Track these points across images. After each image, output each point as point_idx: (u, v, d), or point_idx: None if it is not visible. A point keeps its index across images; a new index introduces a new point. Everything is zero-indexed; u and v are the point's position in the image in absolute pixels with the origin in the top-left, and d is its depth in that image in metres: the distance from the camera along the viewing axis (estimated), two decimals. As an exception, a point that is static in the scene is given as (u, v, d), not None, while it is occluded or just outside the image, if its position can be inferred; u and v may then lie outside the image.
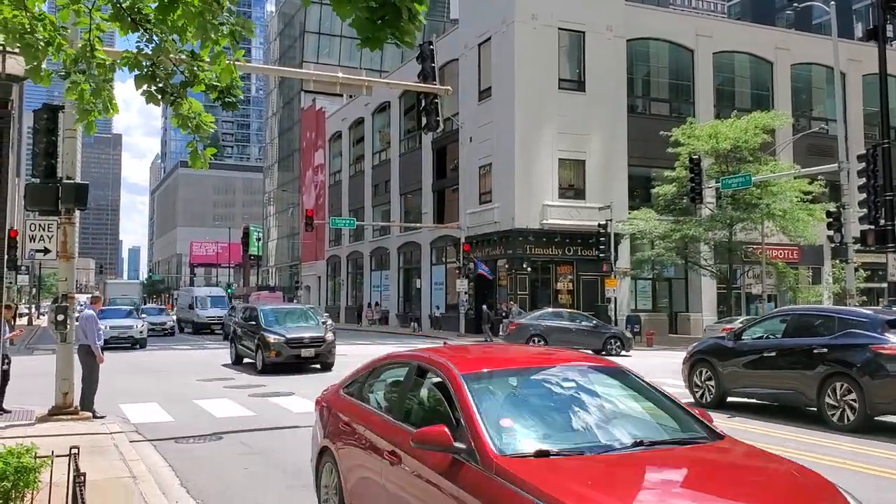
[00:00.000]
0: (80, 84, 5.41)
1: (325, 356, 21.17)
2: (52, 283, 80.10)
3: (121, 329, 29.97)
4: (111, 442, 10.66)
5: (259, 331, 21.32)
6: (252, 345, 21.71)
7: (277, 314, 22.76)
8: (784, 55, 45.18)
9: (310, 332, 21.47)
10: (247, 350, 22.27)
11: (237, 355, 23.21)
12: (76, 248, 13.76)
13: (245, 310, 26.18)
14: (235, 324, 24.90)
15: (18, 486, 5.30)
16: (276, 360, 20.44)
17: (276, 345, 20.51)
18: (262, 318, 21.94)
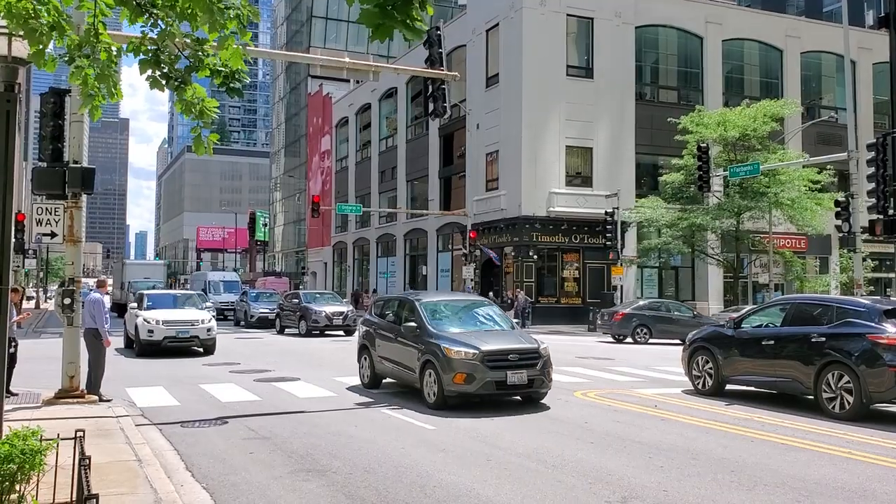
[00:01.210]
0: (84, 69, 5.39)
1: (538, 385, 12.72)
2: (60, 266, 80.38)
3: (180, 326, 21.15)
4: (117, 425, 10.71)
5: (426, 340, 13.00)
6: (415, 359, 13.16)
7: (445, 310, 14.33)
8: (794, 43, 44.87)
9: (508, 341, 12.95)
10: (402, 369, 13.79)
11: (374, 374, 14.90)
12: (83, 232, 13.78)
13: (387, 304, 15.76)
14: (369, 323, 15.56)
15: (24, 468, 5.32)
16: (464, 390, 12.27)
17: (465, 364, 12.18)
18: (425, 315, 13.55)
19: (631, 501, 7.32)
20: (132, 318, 22.11)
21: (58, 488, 6.01)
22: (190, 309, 23.04)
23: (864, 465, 8.84)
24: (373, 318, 15.58)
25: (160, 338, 20.86)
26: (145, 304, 22.33)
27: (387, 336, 14.45)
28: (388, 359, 14.29)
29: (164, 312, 21.66)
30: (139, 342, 21.01)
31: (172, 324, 21.14)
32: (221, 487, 7.83)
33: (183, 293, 26.46)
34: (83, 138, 13.40)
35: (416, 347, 13.16)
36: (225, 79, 5.50)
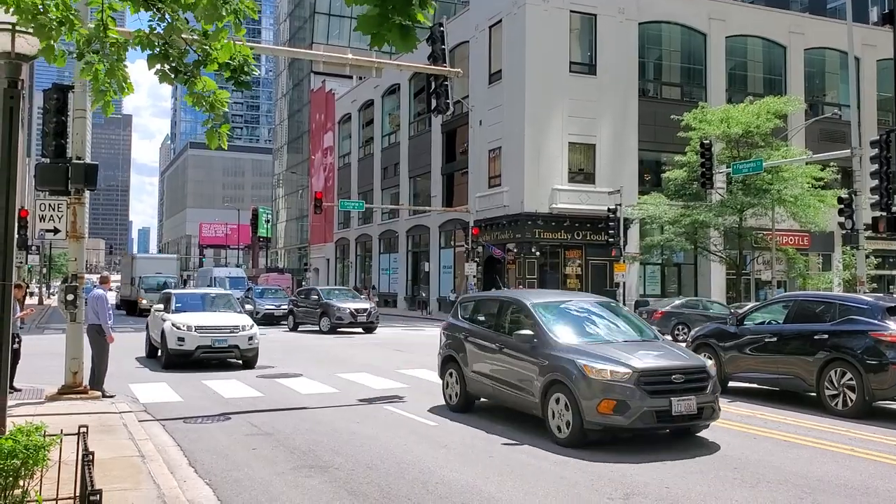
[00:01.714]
0: (94, 65, 5.40)
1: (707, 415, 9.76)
2: (63, 262, 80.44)
3: (217, 333, 17.53)
4: (120, 421, 10.73)
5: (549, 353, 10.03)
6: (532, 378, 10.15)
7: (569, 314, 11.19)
8: (798, 39, 44.77)
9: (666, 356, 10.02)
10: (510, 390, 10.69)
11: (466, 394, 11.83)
12: (86, 228, 13.80)
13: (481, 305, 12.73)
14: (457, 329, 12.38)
15: (28, 463, 5.33)
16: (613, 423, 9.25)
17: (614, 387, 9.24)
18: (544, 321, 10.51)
19: (633, 498, 7.33)
20: (157, 323, 18.69)
21: (61, 484, 6.01)
22: (227, 312, 19.12)
23: (867, 463, 8.84)
24: (460, 323, 12.44)
25: (192, 347, 17.19)
26: (173, 306, 18.71)
27: (485, 346, 11.33)
28: (487, 375, 11.17)
29: (197, 316, 18.02)
30: (167, 352, 17.40)
31: (207, 330, 17.41)
32: (224, 483, 7.84)
33: (217, 293, 22.26)
34: (86, 134, 13.41)
35: (534, 363, 10.06)
36: (233, 72, 5.50)
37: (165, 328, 17.54)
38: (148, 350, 19.64)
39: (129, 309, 43.65)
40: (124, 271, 50.04)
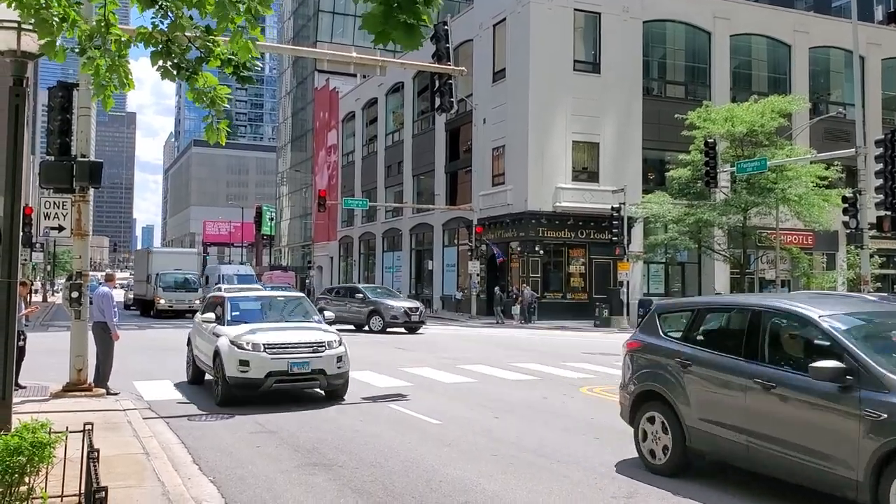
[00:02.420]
0: (95, 59, 5.41)
1: None
2: (66, 260, 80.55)
3: (294, 355, 12.41)
4: (125, 418, 10.76)
5: None
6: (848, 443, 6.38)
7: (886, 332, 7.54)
8: (802, 38, 44.67)
9: None
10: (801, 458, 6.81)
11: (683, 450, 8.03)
12: (91, 226, 13.83)
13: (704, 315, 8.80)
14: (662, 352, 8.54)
15: (34, 460, 5.35)
16: None
17: None
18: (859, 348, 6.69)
19: (636, 497, 7.33)
20: (206, 339, 13.73)
21: (66, 481, 6.04)
22: (304, 325, 13.81)
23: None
24: (667, 343, 8.50)
25: (261, 375, 12.16)
26: (228, 315, 13.63)
27: (729, 382, 7.53)
28: (735, 427, 7.39)
29: (264, 331, 12.86)
30: (224, 381, 12.34)
31: (282, 350, 12.38)
32: (228, 481, 7.86)
33: (285, 296, 16.85)
34: (90, 132, 13.43)
35: (852, 414, 6.31)
36: (235, 68, 5.51)
37: (221, 347, 12.57)
38: (192, 374, 14.87)
39: (144, 309, 41.36)
40: (138, 267, 46.88)
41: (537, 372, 17.13)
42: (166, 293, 37.85)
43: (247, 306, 14.27)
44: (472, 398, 13.30)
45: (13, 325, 7.04)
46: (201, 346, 14.06)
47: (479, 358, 19.87)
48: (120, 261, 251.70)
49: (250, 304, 14.48)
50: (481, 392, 14.04)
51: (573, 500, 7.22)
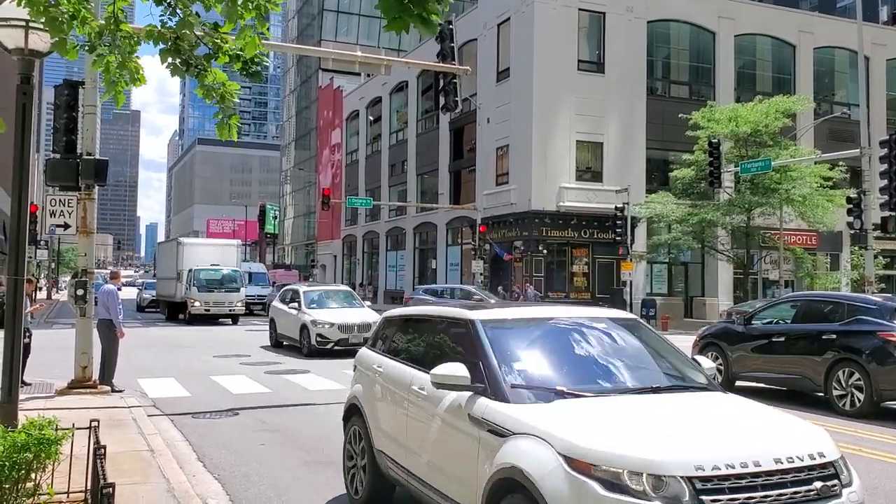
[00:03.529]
0: (105, 56, 5.44)
1: None
2: (71, 258, 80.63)
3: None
4: (129, 416, 10.80)
5: None
6: None
7: None
8: (807, 38, 44.61)
9: None
10: None
11: None
12: (95, 223, 13.88)
13: None
14: None
15: (40, 457, 5.36)
16: None
17: None
18: None
19: (640, 496, 7.32)
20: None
21: (72, 477, 6.07)
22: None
23: (874, 463, 8.84)
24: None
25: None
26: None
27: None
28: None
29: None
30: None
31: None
32: (233, 478, 7.89)
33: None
34: (96, 130, 13.46)
35: None
36: (244, 64, 5.54)
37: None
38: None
39: (172, 312, 34.91)
40: (163, 262, 39.60)
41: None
42: (202, 294, 32.12)
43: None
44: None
45: (20, 323, 7.07)
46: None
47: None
48: (124, 258, 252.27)
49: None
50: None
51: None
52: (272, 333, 22.59)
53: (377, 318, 16.83)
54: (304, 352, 19.74)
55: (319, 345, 19.40)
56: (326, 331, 19.53)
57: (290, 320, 21.05)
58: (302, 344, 20.05)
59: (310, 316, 20.03)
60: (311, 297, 21.42)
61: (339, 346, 19.30)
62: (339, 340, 19.42)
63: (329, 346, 19.41)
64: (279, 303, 22.53)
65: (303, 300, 20.95)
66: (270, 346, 22.04)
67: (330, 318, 19.79)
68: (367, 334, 17.38)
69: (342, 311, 20.65)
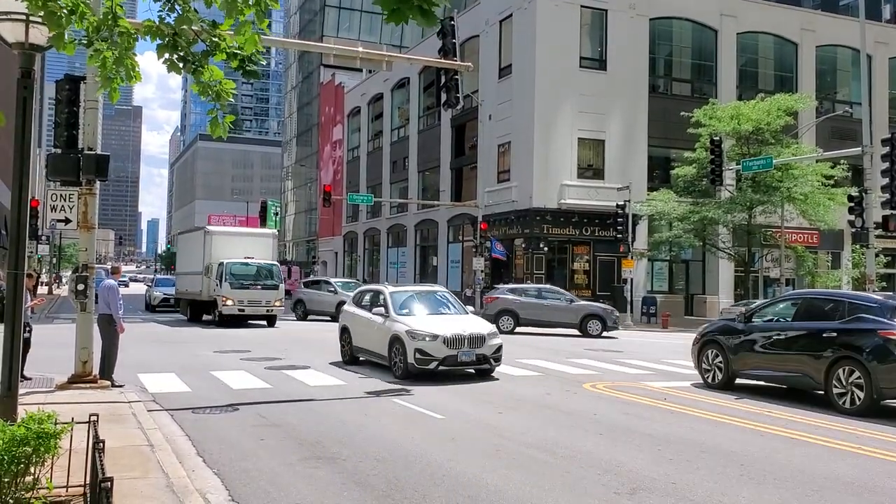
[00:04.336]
0: (102, 52, 5.43)
1: None
2: (72, 253, 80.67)
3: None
4: (129, 410, 10.80)
5: None
6: None
7: None
8: (809, 36, 44.54)
9: None
10: None
11: None
12: (97, 218, 13.87)
13: None
14: None
15: (39, 451, 5.37)
16: None
17: None
18: None
19: (640, 493, 7.34)
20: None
21: (71, 472, 6.08)
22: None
23: (874, 461, 8.83)
24: None
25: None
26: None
27: None
28: None
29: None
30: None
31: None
32: (232, 473, 7.89)
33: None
34: (97, 125, 13.46)
35: None
36: (241, 62, 5.53)
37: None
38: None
39: (196, 312, 31.21)
40: (187, 255, 34.29)
41: (541, 368, 17.15)
42: (236, 291, 28.17)
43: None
44: (475, 393, 13.33)
45: (20, 317, 7.08)
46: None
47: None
48: (125, 254, 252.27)
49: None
50: (485, 387, 14.08)
51: (576, 495, 7.23)
52: (345, 346, 17.61)
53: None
54: (398, 373, 14.99)
55: (419, 364, 14.59)
56: (429, 345, 14.64)
57: (372, 330, 16.28)
58: (392, 362, 15.35)
59: (404, 325, 15.20)
60: (401, 299, 16.42)
61: (444, 367, 14.67)
62: (446, 359, 14.63)
63: (432, 365, 14.60)
64: (354, 307, 17.79)
65: (390, 304, 16.03)
66: (343, 363, 17.27)
67: (432, 329, 14.89)
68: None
69: (444, 318, 15.75)
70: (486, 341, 15.00)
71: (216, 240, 30.62)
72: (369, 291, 17.89)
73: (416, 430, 10.16)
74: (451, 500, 7.04)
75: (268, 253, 31.05)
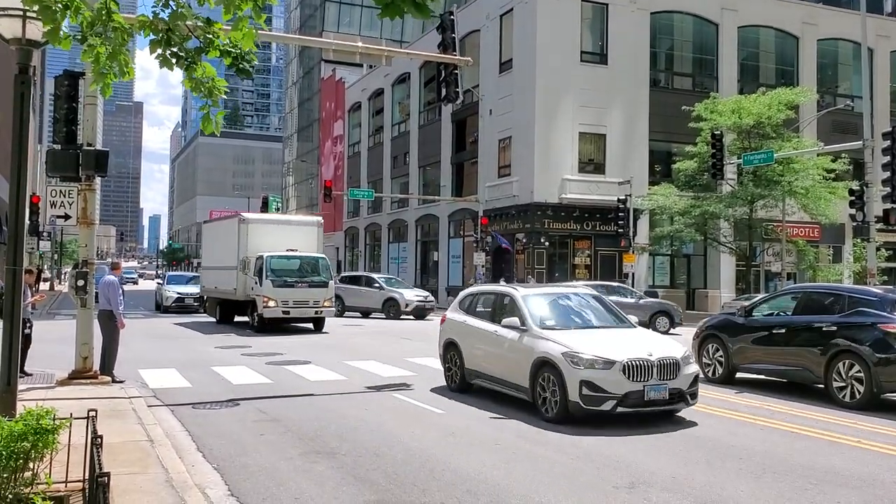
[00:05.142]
0: (96, 47, 5.43)
1: None
2: (74, 249, 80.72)
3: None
4: (129, 406, 10.82)
5: None
6: None
7: None
8: (810, 30, 44.44)
9: None
10: None
11: None
12: (97, 214, 13.88)
13: None
14: None
15: (38, 446, 5.38)
16: None
17: None
18: None
19: (639, 487, 7.35)
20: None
21: (70, 467, 6.08)
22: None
23: (873, 455, 8.83)
24: None
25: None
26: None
27: None
28: None
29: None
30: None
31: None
32: (232, 468, 7.90)
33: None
34: (97, 121, 13.46)
35: None
36: (235, 60, 5.53)
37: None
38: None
39: (227, 313, 27.59)
40: (217, 247, 29.39)
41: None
42: (279, 290, 24.02)
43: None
44: (475, 388, 13.31)
45: (19, 312, 7.08)
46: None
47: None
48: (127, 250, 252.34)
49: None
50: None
51: (575, 490, 7.24)
52: (452, 368, 12.96)
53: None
54: (550, 414, 10.30)
55: (587, 402, 9.92)
56: (601, 376, 9.93)
57: (500, 349, 11.71)
58: (539, 397, 10.57)
59: (557, 344, 10.51)
60: (542, 305, 11.92)
61: (625, 408, 9.95)
62: (628, 396, 9.90)
63: (607, 405, 9.91)
64: (463, 314, 13.23)
65: (527, 312, 11.46)
66: (449, 390, 12.87)
67: (600, 350, 10.24)
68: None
69: (609, 334, 11.17)
70: (680, 369, 10.30)
71: (253, 229, 26.06)
72: (488, 294, 13.33)
73: (415, 424, 10.17)
74: (450, 494, 7.05)
75: (313, 244, 26.51)
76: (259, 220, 27.88)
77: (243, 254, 25.42)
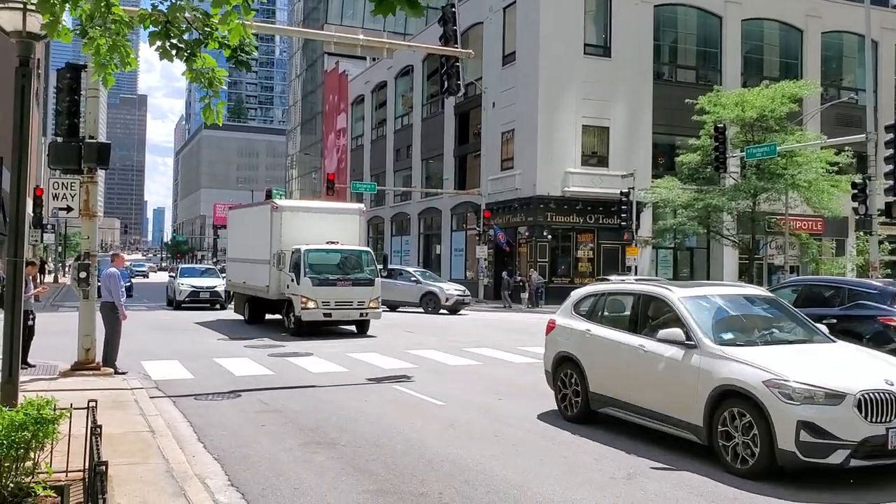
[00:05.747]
0: (96, 39, 5.46)
1: None
2: (78, 241, 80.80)
3: None
4: (131, 397, 10.88)
5: None
6: None
7: None
8: (814, 23, 44.29)
9: None
10: None
11: None
12: (99, 207, 13.93)
13: None
14: None
15: (38, 436, 5.43)
16: None
17: None
18: None
19: (636, 478, 7.38)
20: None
21: (71, 457, 6.14)
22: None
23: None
24: None
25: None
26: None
27: None
28: None
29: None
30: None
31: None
32: (232, 459, 7.95)
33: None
34: (99, 114, 13.48)
35: None
36: (233, 52, 5.56)
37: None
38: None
39: (257, 313, 24.54)
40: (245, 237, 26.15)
41: (542, 355, 17.15)
42: (320, 289, 20.74)
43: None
44: (476, 380, 13.38)
45: (20, 304, 7.13)
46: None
47: (484, 341, 19.94)
48: (131, 243, 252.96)
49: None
50: (485, 374, 14.13)
51: (574, 481, 7.28)
52: (566, 390, 10.05)
53: None
54: (740, 466, 7.54)
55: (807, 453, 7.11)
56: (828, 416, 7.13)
57: (651, 370, 8.75)
58: (718, 443, 7.78)
59: (752, 367, 7.62)
60: (710, 313, 8.88)
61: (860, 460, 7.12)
62: (865, 444, 7.04)
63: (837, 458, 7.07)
64: (584, 320, 10.16)
65: (695, 323, 8.44)
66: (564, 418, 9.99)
67: (819, 379, 7.37)
68: None
69: (814, 354, 8.30)
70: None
71: (287, 218, 22.56)
72: (623, 295, 10.13)
73: (415, 416, 10.21)
74: (449, 484, 7.10)
75: (354, 235, 23.29)
76: (295, 207, 24.42)
77: (277, 247, 22.07)
